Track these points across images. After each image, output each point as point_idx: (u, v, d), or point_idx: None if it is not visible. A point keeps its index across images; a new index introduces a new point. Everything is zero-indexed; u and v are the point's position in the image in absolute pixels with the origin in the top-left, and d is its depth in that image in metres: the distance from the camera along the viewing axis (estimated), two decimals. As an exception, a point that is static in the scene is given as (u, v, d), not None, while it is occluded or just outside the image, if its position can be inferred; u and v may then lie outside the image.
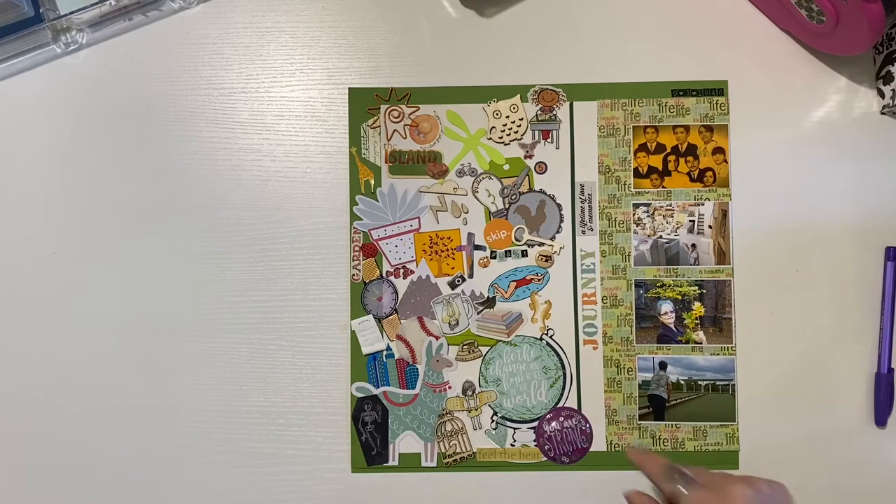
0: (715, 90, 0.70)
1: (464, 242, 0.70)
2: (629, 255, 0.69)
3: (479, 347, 0.69)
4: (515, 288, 0.69)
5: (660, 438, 0.67)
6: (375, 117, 0.70)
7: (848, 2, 0.60)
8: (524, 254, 0.69)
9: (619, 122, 0.70)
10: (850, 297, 0.68)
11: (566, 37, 0.71)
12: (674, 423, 0.68)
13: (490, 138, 0.70)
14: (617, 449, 0.68)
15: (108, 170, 0.70)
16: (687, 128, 0.70)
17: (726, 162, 0.69)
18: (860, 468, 0.67)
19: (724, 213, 0.69)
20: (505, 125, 0.70)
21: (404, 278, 0.69)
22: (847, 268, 0.68)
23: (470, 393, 0.68)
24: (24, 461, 0.68)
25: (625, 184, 0.69)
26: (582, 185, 0.70)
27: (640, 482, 0.67)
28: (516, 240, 0.69)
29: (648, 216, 0.69)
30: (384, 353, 0.69)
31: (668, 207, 0.69)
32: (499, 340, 0.69)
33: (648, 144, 0.70)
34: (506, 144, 0.70)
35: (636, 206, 0.69)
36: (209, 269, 0.69)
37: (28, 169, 0.70)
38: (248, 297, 0.69)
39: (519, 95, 0.70)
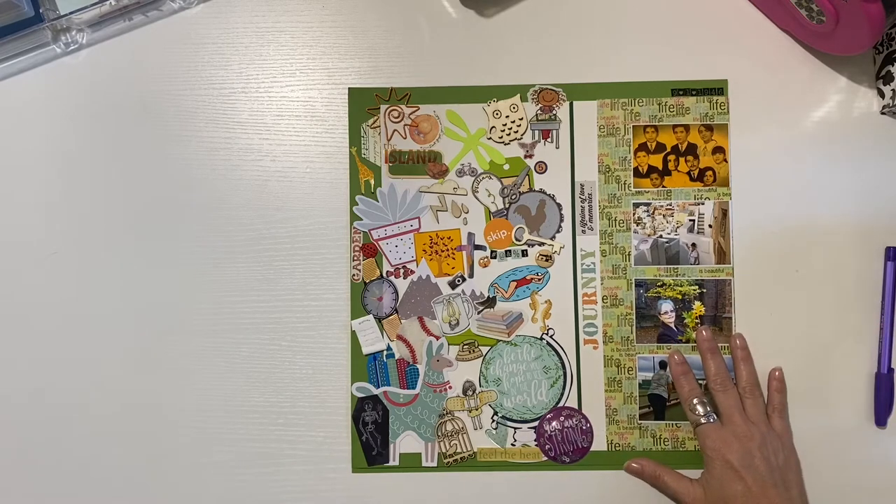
0: (715, 90, 0.70)
1: (464, 242, 0.70)
2: (629, 255, 0.69)
3: (480, 347, 0.69)
4: (516, 288, 0.69)
5: (660, 438, 0.67)
6: (375, 117, 0.70)
7: (848, 2, 0.60)
8: (524, 253, 0.69)
9: (619, 121, 0.70)
10: (850, 297, 0.68)
11: (566, 37, 0.71)
12: (674, 422, 0.68)
13: (490, 138, 0.70)
14: (617, 448, 0.68)
15: (108, 170, 0.70)
16: (687, 127, 0.70)
17: (726, 161, 0.69)
18: (860, 468, 0.67)
19: (724, 213, 0.69)
20: (505, 125, 0.70)
21: (404, 278, 0.69)
22: (847, 268, 0.68)
23: (470, 393, 0.68)
24: (24, 461, 0.68)
25: (625, 183, 0.69)
26: (582, 185, 0.70)
27: (641, 484, 0.67)
28: (516, 239, 0.69)
29: (648, 216, 0.69)
30: (384, 353, 0.69)
31: (668, 207, 0.69)
32: (499, 340, 0.69)
33: (648, 144, 0.70)
34: (506, 144, 0.70)
35: (636, 205, 0.69)
36: (209, 269, 0.69)
37: (28, 169, 0.70)
38: (248, 297, 0.69)
39: (519, 95, 0.70)
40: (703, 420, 0.64)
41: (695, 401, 0.65)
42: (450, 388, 0.68)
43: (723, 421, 0.64)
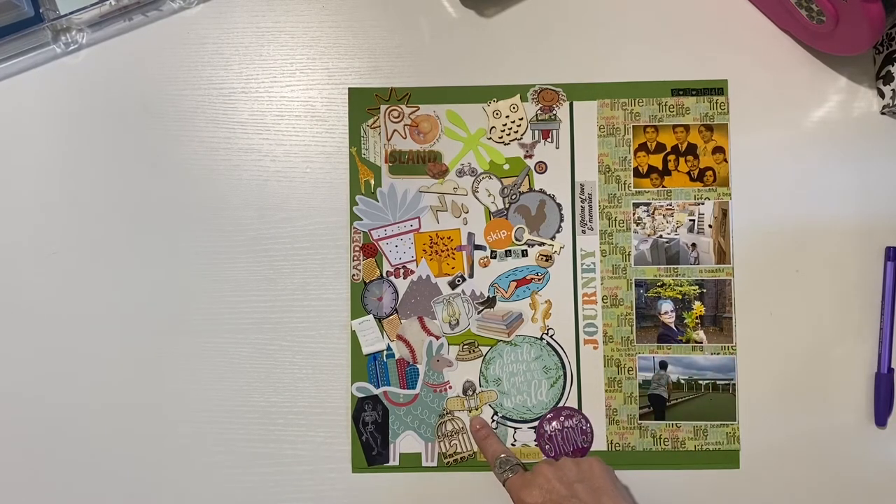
0: (715, 90, 0.70)
1: (464, 242, 0.70)
2: (629, 255, 0.69)
3: (480, 347, 0.69)
4: (516, 288, 0.69)
5: (660, 438, 0.67)
6: (375, 117, 0.70)
7: (848, 2, 0.60)
8: (524, 253, 0.69)
9: (618, 121, 0.70)
10: (850, 297, 0.68)
11: (566, 37, 0.71)
12: (674, 422, 0.68)
13: (490, 138, 0.70)
14: (617, 449, 0.68)
15: (108, 170, 0.70)
16: (687, 127, 0.70)
17: (726, 161, 0.69)
18: (860, 468, 0.67)
19: (725, 213, 0.69)
20: (505, 125, 0.70)
21: (404, 278, 0.69)
22: (847, 268, 0.68)
23: (470, 393, 0.68)
24: (24, 461, 0.68)
25: (625, 183, 0.69)
26: (582, 185, 0.70)
27: (641, 484, 0.67)
28: (516, 239, 0.69)
29: (648, 216, 0.69)
30: (384, 353, 0.69)
31: (668, 207, 0.69)
32: (499, 340, 0.69)
33: (648, 144, 0.70)
34: (506, 144, 0.70)
35: (636, 205, 0.69)
36: (209, 269, 0.69)
37: (28, 169, 0.70)
38: (248, 297, 0.69)
39: (519, 95, 0.70)
40: (508, 475, 0.63)
41: (499, 459, 0.64)
42: (450, 388, 0.68)
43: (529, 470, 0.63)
